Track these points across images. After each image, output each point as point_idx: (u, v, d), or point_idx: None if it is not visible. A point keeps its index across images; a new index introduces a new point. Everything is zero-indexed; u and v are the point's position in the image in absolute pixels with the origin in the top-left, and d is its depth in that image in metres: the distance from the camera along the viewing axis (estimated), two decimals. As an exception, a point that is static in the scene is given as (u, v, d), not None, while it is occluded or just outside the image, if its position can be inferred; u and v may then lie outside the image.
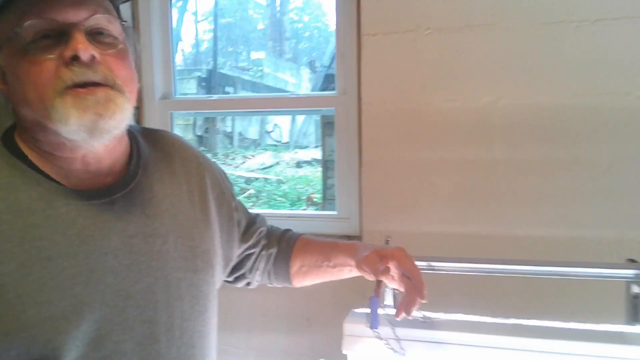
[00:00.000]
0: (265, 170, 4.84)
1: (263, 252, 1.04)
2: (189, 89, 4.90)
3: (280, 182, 4.50)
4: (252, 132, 5.76)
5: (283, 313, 1.69)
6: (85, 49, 0.67)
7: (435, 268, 1.17)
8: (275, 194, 4.22)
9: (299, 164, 4.97)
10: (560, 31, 1.40)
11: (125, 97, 0.72)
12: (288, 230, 1.09)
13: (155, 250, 0.78)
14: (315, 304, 1.64)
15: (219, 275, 0.93)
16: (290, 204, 4.05)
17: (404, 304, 0.81)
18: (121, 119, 0.71)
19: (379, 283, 0.85)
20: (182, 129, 4.80)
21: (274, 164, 5.02)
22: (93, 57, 0.68)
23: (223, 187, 0.97)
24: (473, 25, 1.45)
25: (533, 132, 1.44)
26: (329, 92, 1.76)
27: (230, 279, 1.04)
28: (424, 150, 1.51)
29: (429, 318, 0.94)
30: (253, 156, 5.27)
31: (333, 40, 1.71)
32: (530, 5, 1.40)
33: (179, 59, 6.00)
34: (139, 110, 1.86)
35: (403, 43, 1.49)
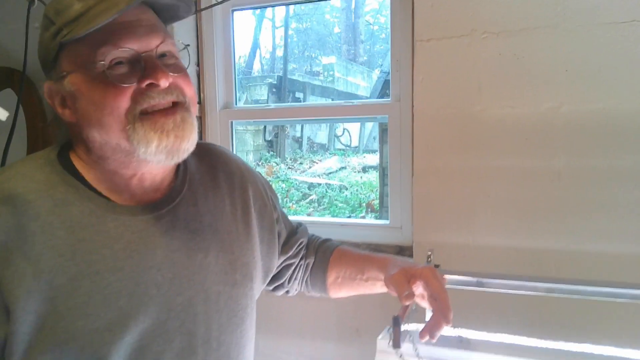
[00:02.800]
0: (330, 175, 4.86)
1: (301, 262, 1.05)
2: (261, 95, 5.03)
3: (343, 187, 4.50)
4: (321, 137, 5.80)
5: (333, 323, 1.69)
6: (164, 79, 0.72)
7: (485, 285, 1.12)
8: (337, 200, 4.23)
9: (364, 169, 4.94)
10: (631, 31, 1.29)
11: (193, 115, 0.77)
12: (327, 240, 1.10)
13: (197, 264, 0.81)
14: (364, 314, 1.62)
15: (258, 286, 0.95)
16: (350, 210, 4.03)
17: (428, 327, 0.78)
18: (195, 138, 0.76)
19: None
20: (252, 134, 4.94)
21: (339, 169, 5.03)
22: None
23: (266, 199, 0.98)
24: (532, 28, 1.37)
25: (599, 140, 1.33)
26: (384, 100, 1.73)
27: (270, 288, 1.06)
28: (479, 159, 1.45)
29: (465, 338, 0.90)
30: (320, 161, 5.31)
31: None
32: (594, 5, 1.31)
33: (256, 66, 6.18)
34: (201, 120, 1.94)
35: (458, 48, 1.44)
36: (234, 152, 1.96)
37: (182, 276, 0.79)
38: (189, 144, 0.75)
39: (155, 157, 0.73)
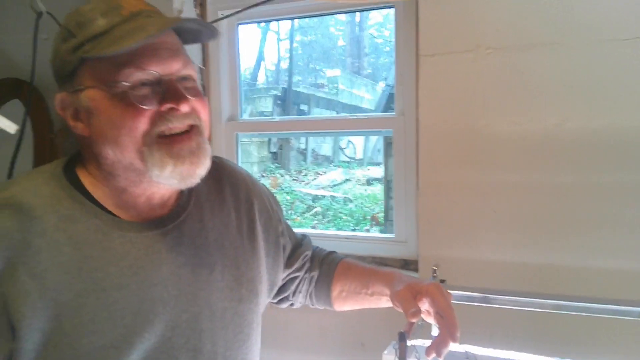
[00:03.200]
0: (334, 187, 4.86)
1: (306, 275, 1.05)
2: (266, 106, 5.07)
3: (347, 200, 4.50)
4: (326, 149, 5.82)
5: (338, 337, 1.68)
6: (186, 104, 0.72)
7: (491, 300, 1.12)
8: (341, 213, 4.23)
9: (369, 181, 4.94)
10: (634, 48, 1.29)
11: (206, 139, 0.77)
12: (331, 252, 1.10)
13: (202, 280, 0.80)
14: (369, 329, 1.62)
15: (264, 300, 0.95)
16: (355, 223, 4.03)
17: (435, 344, 0.78)
18: (208, 163, 0.76)
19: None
20: (257, 146, 4.96)
21: (343, 181, 5.04)
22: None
23: (271, 212, 0.98)
24: (537, 44, 1.38)
25: (604, 156, 1.33)
26: (388, 114, 1.74)
27: (274, 300, 1.06)
28: (484, 174, 1.45)
29: (472, 354, 0.90)
30: (325, 172, 5.32)
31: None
32: (598, 22, 1.31)
33: (261, 78, 6.22)
34: (206, 132, 1.95)
35: (462, 63, 1.45)
36: (239, 164, 1.97)
37: (187, 292, 0.78)
38: (203, 170, 0.75)
39: (168, 181, 0.73)
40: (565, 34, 1.35)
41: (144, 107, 0.70)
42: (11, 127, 0.81)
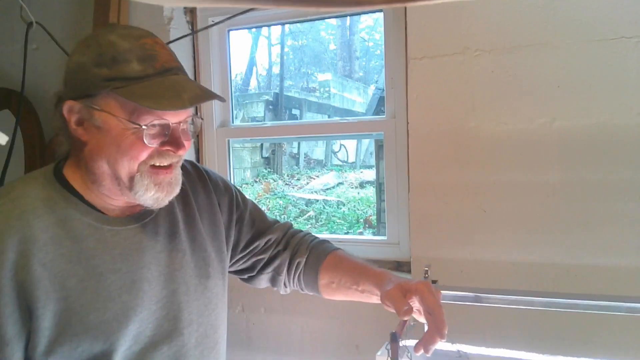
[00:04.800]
0: (327, 191, 4.87)
1: (278, 259, 1.13)
2: (258, 112, 5.07)
3: (340, 203, 4.51)
4: (318, 153, 5.83)
5: (333, 339, 1.69)
6: (182, 150, 0.88)
7: (483, 300, 1.13)
8: (334, 216, 4.24)
9: (362, 184, 4.95)
10: (620, 47, 1.31)
11: (180, 170, 0.92)
12: (324, 241, 1.15)
13: (177, 262, 0.96)
14: (363, 331, 1.62)
15: (225, 275, 1.09)
16: (348, 226, 4.03)
17: (423, 341, 0.79)
18: (177, 191, 0.92)
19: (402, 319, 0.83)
20: (249, 151, 4.96)
21: (336, 185, 5.04)
22: None
23: (227, 200, 1.11)
24: (524, 45, 1.40)
25: (592, 154, 1.35)
26: (379, 117, 1.75)
27: (245, 277, 1.17)
28: (474, 175, 1.46)
29: (464, 353, 0.91)
30: (318, 177, 5.32)
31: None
32: (584, 23, 1.34)
33: (253, 83, 6.22)
34: (198, 139, 1.96)
35: (451, 66, 1.47)
36: (231, 170, 1.97)
37: (166, 273, 0.94)
38: (172, 196, 0.91)
39: (145, 202, 0.88)
40: (552, 35, 1.37)
41: (150, 145, 0.84)
42: (2, 138, 0.86)
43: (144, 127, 0.82)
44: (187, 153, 0.94)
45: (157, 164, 0.86)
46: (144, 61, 0.82)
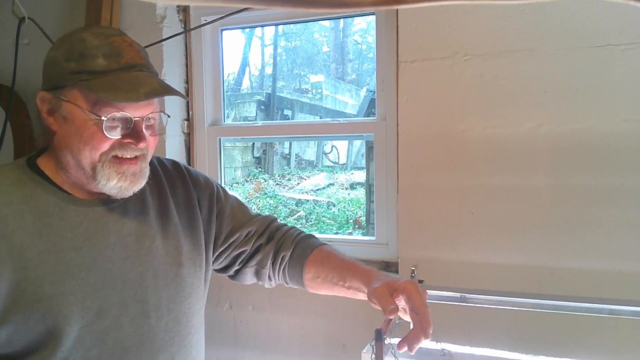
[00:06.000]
0: (318, 192, 4.88)
1: (261, 252, 1.13)
2: (250, 112, 5.06)
3: (330, 204, 4.52)
4: (310, 154, 5.83)
5: (320, 338, 1.70)
6: (143, 143, 0.90)
7: (469, 300, 1.14)
8: (324, 217, 4.25)
9: (352, 185, 4.97)
10: (607, 54, 1.34)
11: (147, 163, 0.95)
12: (310, 236, 1.16)
13: (146, 247, 0.98)
14: (350, 330, 1.64)
15: (206, 270, 1.10)
16: (338, 227, 4.05)
17: (407, 339, 0.81)
18: (143, 183, 0.94)
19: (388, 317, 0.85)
20: (240, 151, 4.96)
21: (327, 185, 5.05)
22: None
23: (207, 194, 1.13)
24: (513, 50, 1.42)
25: (579, 159, 1.38)
26: (370, 119, 1.77)
27: (231, 273, 1.17)
28: (462, 177, 1.48)
29: (448, 351, 0.92)
30: (308, 177, 5.33)
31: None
32: (572, 29, 1.36)
33: (245, 83, 6.21)
34: (189, 137, 1.96)
35: (441, 69, 1.48)
36: (222, 169, 1.98)
37: (133, 256, 0.96)
38: (138, 187, 0.93)
39: (109, 190, 0.91)
40: (540, 40, 1.39)
41: (110, 136, 0.88)
42: None
43: (103, 118, 0.86)
44: (177, 150, 0.96)
45: (120, 155, 0.89)
46: (110, 57, 0.87)
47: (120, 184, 0.90)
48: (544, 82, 1.40)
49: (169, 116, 0.98)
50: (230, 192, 1.21)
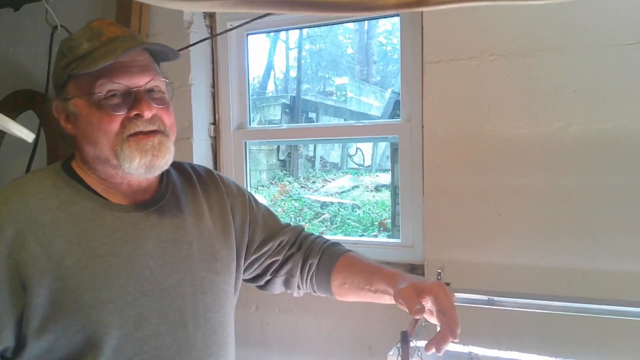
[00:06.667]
0: (343, 194, 4.88)
1: (291, 261, 1.13)
2: (275, 115, 5.11)
3: (355, 206, 4.52)
4: (334, 156, 5.84)
5: (346, 340, 1.70)
6: (148, 111, 0.89)
7: (497, 303, 1.13)
8: (349, 219, 4.24)
9: (377, 187, 4.95)
10: (637, 52, 1.31)
11: (170, 140, 0.94)
12: (336, 243, 1.17)
13: (183, 253, 0.97)
14: (376, 332, 1.63)
15: (237, 277, 1.09)
16: (363, 229, 4.04)
17: (435, 340, 0.80)
18: (169, 158, 0.93)
19: (414, 318, 0.84)
20: (266, 154, 5.00)
21: (352, 188, 5.05)
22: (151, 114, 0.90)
23: (239, 202, 1.13)
24: (540, 49, 1.40)
25: (609, 159, 1.35)
26: (394, 120, 1.76)
27: (260, 283, 1.16)
28: (489, 178, 1.46)
29: (475, 354, 0.91)
30: (333, 179, 5.34)
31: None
32: (601, 27, 1.33)
33: (270, 87, 6.27)
34: (216, 140, 1.99)
35: (467, 70, 1.47)
36: (247, 172, 2.00)
37: (171, 262, 0.95)
38: (163, 162, 0.92)
39: (137, 171, 0.90)
40: (568, 39, 1.37)
41: (115, 113, 0.87)
42: (29, 136, 0.94)
43: (98, 93, 0.87)
44: (203, 153, 0.97)
45: (134, 132, 0.88)
46: (92, 39, 0.89)
47: (143, 161, 0.88)
48: (573, 81, 1.37)
49: (172, 83, 0.98)
50: (260, 201, 1.21)
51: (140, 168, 0.89)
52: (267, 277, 1.14)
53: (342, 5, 0.34)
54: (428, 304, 0.85)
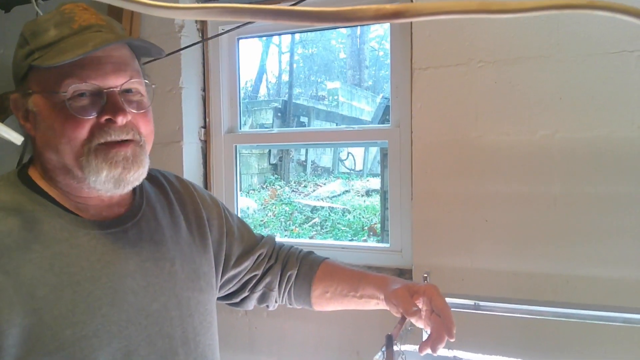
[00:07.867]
0: (334, 198, 4.90)
1: (270, 274, 1.06)
2: (266, 119, 5.12)
3: (346, 211, 4.54)
4: (326, 161, 5.87)
5: (334, 346, 1.70)
6: (123, 117, 0.75)
7: (482, 308, 1.14)
8: (339, 223, 4.26)
9: (368, 192, 4.98)
10: (622, 61, 1.33)
11: (145, 152, 0.81)
12: (310, 252, 1.11)
13: (166, 272, 0.86)
14: (364, 337, 1.64)
15: (216, 293, 1.00)
16: (353, 234, 4.06)
17: (430, 340, 0.80)
18: (143, 172, 0.80)
19: (401, 321, 0.85)
20: (257, 157, 5.00)
21: (343, 192, 5.07)
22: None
23: (215, 214, 1.02)
24: (527, 57, 1.42)
25: (594, 167, 1.37)
26: (384, 125, 1.78)
27: (236, 300, 1.07)
28: (476, 184, 1.48)
29: (460, 359, 0.92)
30: (324, 184, 5.36)
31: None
32: (587, 36, 1.35)
33: (262, 90, 6.28)
34: (206, 144, 1.99)
35: (455, 76, 1.49)
36: (238, 175, 2.00)
37: (154, 284, 0.83)
38: (135, 176, 0.78)
39: (104, 186, 0.77)
40: (555, 47, 1.39)
41: (83, 117, 0.73)
42: (17, 139, 0.83)
43: (63, 93, 0.72)
44: (194, 157, 0.92)
45: (104, 141, 0.75)
46: (61, 25, 0.75)
47: (112, 174, 0.75)
48: (559, 89, 1.39)
49: (154, 85, 0.83)
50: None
51: (108, 182, 0.76)
52: (245, 294, 1.06)
53: (323, 15, 0.35)
54: (421, 305, 0.86)
